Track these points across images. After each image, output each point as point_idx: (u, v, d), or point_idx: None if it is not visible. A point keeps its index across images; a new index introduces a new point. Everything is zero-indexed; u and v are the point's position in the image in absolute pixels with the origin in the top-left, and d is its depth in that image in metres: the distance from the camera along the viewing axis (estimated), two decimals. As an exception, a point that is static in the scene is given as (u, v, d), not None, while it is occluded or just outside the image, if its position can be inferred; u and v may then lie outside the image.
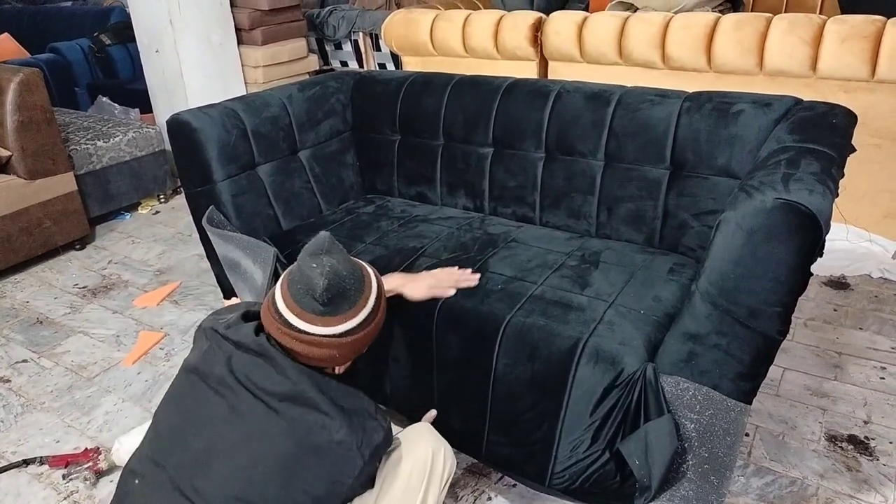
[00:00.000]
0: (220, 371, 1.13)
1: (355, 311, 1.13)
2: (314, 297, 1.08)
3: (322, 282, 1.08)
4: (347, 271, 1.13)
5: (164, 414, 1.20)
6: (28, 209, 2.80)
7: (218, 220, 1.93)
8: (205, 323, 1.25)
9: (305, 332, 1.10)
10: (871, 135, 2.35)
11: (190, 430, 1.12)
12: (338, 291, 1.10)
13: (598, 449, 1.42)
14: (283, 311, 1.11)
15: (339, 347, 1.13)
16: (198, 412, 1.13)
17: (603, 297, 1.55)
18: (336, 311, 1.11)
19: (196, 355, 1.21)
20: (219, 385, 1.12)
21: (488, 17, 3.09)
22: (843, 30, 2.31)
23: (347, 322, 1.12)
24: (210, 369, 1.15)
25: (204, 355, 1.18)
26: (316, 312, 1.09)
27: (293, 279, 1.12)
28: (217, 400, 1.11)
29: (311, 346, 1.11)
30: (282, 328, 1.11)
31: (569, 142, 1.95)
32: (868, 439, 1.74)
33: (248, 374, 1.11)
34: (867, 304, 2.32)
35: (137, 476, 1.14)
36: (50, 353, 2.31)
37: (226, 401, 1.10)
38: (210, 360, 1.16)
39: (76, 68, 4.76)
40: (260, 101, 2.14)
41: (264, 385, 1.09)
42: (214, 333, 1.18)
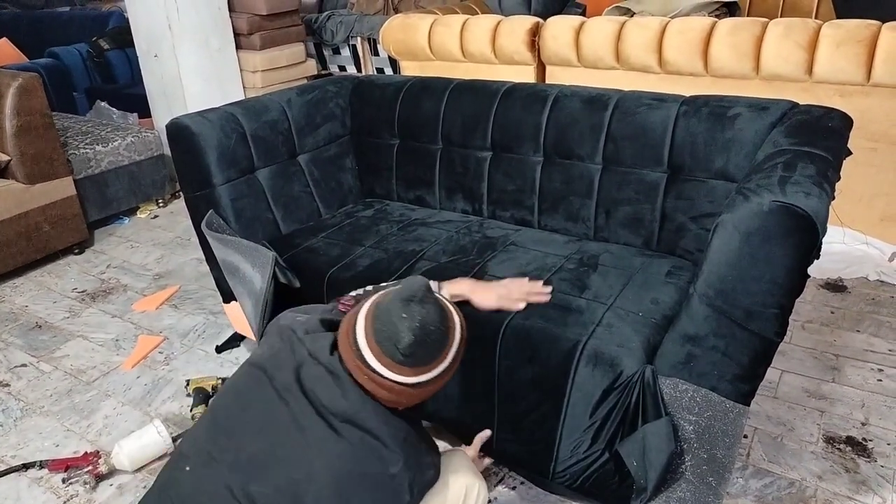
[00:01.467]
0: (287, 377, 1.11)
1: (433, 365, 1.09)
2: (397, 348, 1.05)
3: (408, 336, 1.04)
4: (435, 325, 1.07)
5: (224, 405, 1.19)
6: (27, 214, 2.81)
7: (217, 224, 1.93)
8: (283, 320, 1.23)
9: (378, 374, 1.06)
10: (866, 138, 2.37)
11: (250, 429, 1.11)
12: (421, 347, 1.06)
13: (597, 449, 1.43)
14: (362, 346, 1.07)
15: (408, 395, 1.10)
16: (260, 414, 1.12)
17: (601, 300, 1.56)
18: (414, 363, 1.06)
19: (266, 352, 1.19)
20: (284, 391, 1.11)
21: (486, 22, 3.10)
22: (838, 34, 2.33)
23: (422, 375, 1.08)
24: (277, 372, 1.13)
25: (275, 355, 1.17)
26: (394, 360, 1.05)
27: (379, 318, 1.07)
28: (281, 406, 1.10)
29: (380, 388, 1.07)
30: (357, 362, 1.08)
31: (567, 145, 1.96)
32: (866, 441, 1.75)
33: (315, 388, 1.10)
34: (864, 306, 2.33)
35: (189, 463, 1.13)
36: (49, 357, 2.31)
37: (289, 409, 1.09)
38: (279, 362, 1.14)
39: (75, 73, 4.77)
40: (259, 105, 2.14)
41: (328, 403, 1.08)
42: (292, 335, 1.17)
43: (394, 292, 1.09)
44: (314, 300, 1.87)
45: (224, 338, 2.33)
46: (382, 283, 1.51)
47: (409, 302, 1.06)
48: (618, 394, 1.39)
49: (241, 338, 2.30)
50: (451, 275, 1.73)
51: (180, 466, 1.14)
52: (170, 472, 1.17)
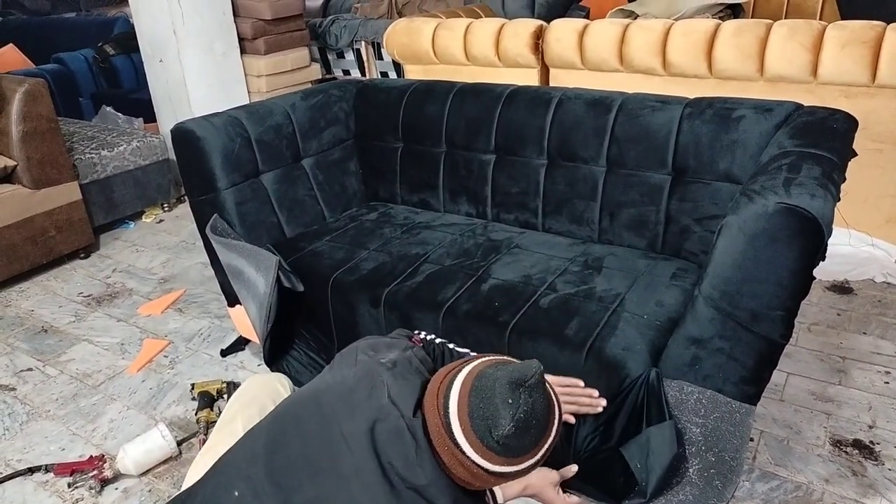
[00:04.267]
0: (359, 424, 1.03)
1: (524, 459, 0.99)
2: (492, 435, 0.95)
3: (509, 427, 0.94)
4: (538, 418, 0.97)
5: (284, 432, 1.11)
6: (33, 218, 2.82)
7: (221, 228, 1.94)
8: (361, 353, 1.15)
9: (463, 452, 0.97)
10: (872, 140, 2.36)
11: (307, 470, 1.04)
12: (519, 439, 0.96)
13: (607, 447, 1.43)
14: (453, 418, 0.97)
15: (485, 481, 1.00)
16: (320, 454, 1.04)
17: (606, 303, 1.56)
18: (507, 453, 0.96)
19: (339, 385, 1.11)
20: (352, 437, 1.03)
21: (489, 26, 3.11)
22: (843, 35, 2.32)
23: (510, 466, 0.98)
24: (348, 413, 1.05)
25: (349, 392, 1.08)
26: (485, 444, 0.95)
27: (480, 394, 0.96)
28: (346, 453, 1.02)
29: (460, 466, 0.98)
30: (442, 431, 0.98)
31: (570, 148, 1.95)
32: (873, 444, 1.74)
33: (389, 444, 1.01)
34: (871, 308, 2.32)
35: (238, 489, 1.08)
36: (55, 361, 2.32)
37: (353, 459, 1.01)
38: (353, 403, 1.06)
39: (80, 78, 4.79)
40: (263, 109, 2.15)
41: (399, 465, 1.00)
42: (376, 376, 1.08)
43: (503, 369, 0.98)
44: (318, 304, 1.88)
45: (229, 342, 2.34)
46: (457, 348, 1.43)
47: (519, 386, 0.95)
48: (624, 396, 1.38)
49: (245, 341, 2.31)
50: (456, 277, 1.73)
51: (228, 489, 1.09)
52: (214, 489, 1.11)
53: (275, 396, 1.46)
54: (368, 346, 1.18)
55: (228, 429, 1.38)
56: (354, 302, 1.80)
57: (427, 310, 1.66)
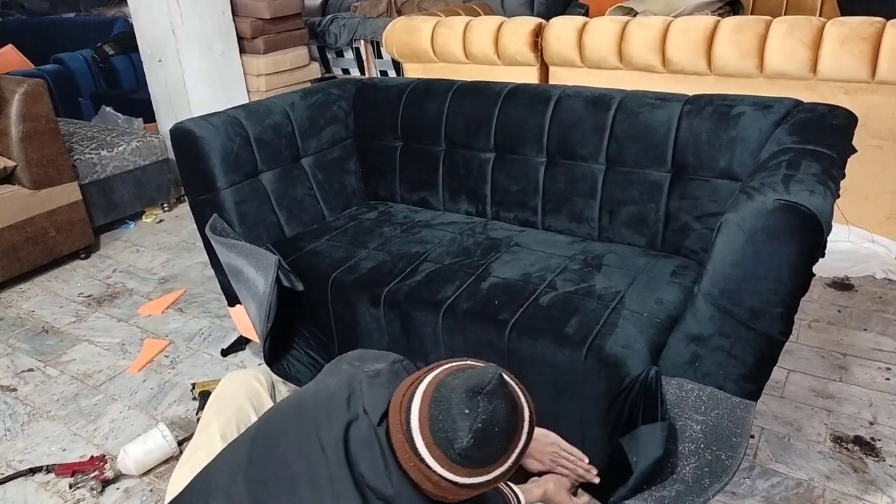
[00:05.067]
0: (336, 431, 1.01)
1: (491, 468, 0.95)
2: (451, 444, 0.92)
3: (467, 438, 0.91)
4: (500, 425, 0.93)
5: (264, 443, 1.09)
6: (33, 219, 2.82)
7: (221, 228, 1.94)
8: (345, 363, 1.14)
9: (427, 465, 0.94)
10: (872, 136, 2.35)
11: (284, 481, 1.03)
12: (480, 449, 0.92)
13: (611, 445, 1.44)
14: (414, 430, 0.94)
15: (455, 494, 0.97)
16: (298, 464, 1.03)
17: (606, 301, 1.56)
18: (470, 464, 0.93)
19: (321, 393, 1.09)
20: (328, 446, 1.01)
21: (489, 24, 3.10)
22: (842, 32, 2.32)
23: (476, 477, 0.95)
24: (327, 422, 1.03)
25: (330, 400, 1.07)
26: (448, 456, 0.92)
27: (438, 404, 0.93)
28: (321, 462, 1.01)
29: (427, 480, 0.95)
30: (405, 445, 0.95)
31: (570, 146, 1.95)
32: (874, 440, 1.74)
33: (359, 453, 0.99)
34: (871, 305, 2.32)
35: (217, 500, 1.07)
36: (56, 361, 2.32)
37: (328, 468, 1.00)
38: (332, 411, 1.04)
39: (80, 79, 4.79)
40: (262, 108, 2.15)
41: (367, 475, 0.98)
42: (357, 384, 1.07)
43: (461, 376, 0.95)
44: (318, 303, 1.88)
45: (229, 341, 2.34)
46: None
47: (476, 394, 0.92)
48: (624, 394, 1.38)
49: (246, 341, 2.31)
50: (455, 276, 1.73)
51: (205, 500, 1.08)
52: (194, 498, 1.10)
53: (251, 395, 1.43)
54: (357, 356, 1.17)
55: (205, 435, 1.34)
56: (354, 301, 1.80)
57: (427, 308, 1.66)
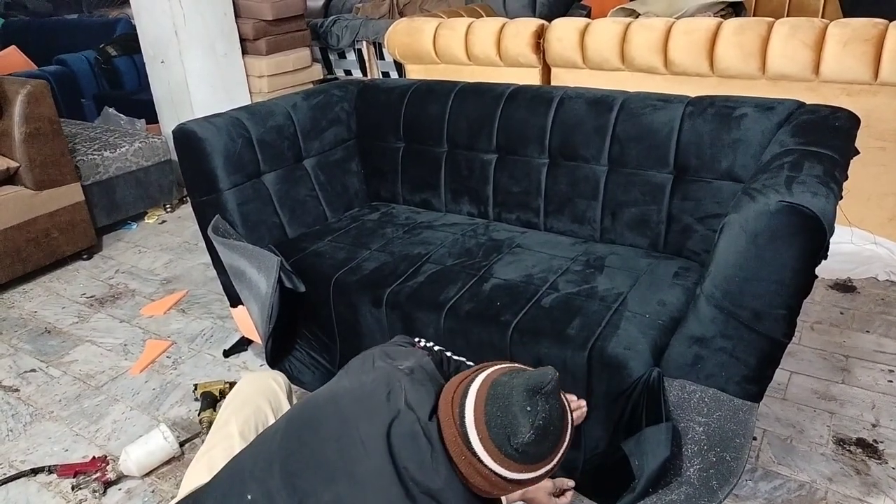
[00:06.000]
0: (376, 427, 1.02)
1: (541, 465, 0.99)
2: (511, 442, 0.94)
3: (528, 435, 0.93)
4: (555, 425, 0.97)
5: (299, 436, 1.10)
6: (35, 220, 2.82)
7: (223, 229, 1.94)
8: (379, 360, 1.15)
9: (480, 461, 0.96)
10: (874, 137, 2.35)
11: (322, 474, 1.04)
12: (537, 446, 0.96)
13: (612, 448, 1.43)
14: (469, 426, 0.97)
15: (502, 488, 1.00)
16: (337, 458, 1.04)
17: (608, 302, 1.56)
18: (524, 460, 0.96)
19: (356, 389, 1.10)
20: (368, 439, 1.02)
21: (491, 25, 3.10)
22: (844, 33, 2.32)
23: (527, 473, 0.98)
24: (365, 417, 1.04)
25: (367, 396, 1.07)
26: (503, 452, 0.95)
27: (496, 402, 0.96)
28: (362, 456, 1.02)
29: (477, 474, 0.97)
30: (459, 440, 0.97)
31: (572, 147, 1.95)
32: (877, 442, 1.74)
33: (404, 448, 1.01)
34: (874, 306, 2.32)
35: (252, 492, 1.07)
36: (58, 362, 2.33)
37: (370, 462, 1.01)
38: (371, 407, 1.05)
39: (82, 80, 4.80)
40: (265, 110, 2.15)
41: (414, 470, 0.99)
42: (395, 381, 1.07)
43: (518, 375, 0.98)
44: (320, 304, 1.88)
45: (232, 342, 2.34)
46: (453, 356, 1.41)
47: (536, 393, 0.95)
48: (626, 396, 1.38)
49: (248, 342, 2.31)
50: (457, 277, 1.73)
51: (241, 493, 1.07)
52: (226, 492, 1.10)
53: (269, 395, 1.43)
54: (385, 353, 1.19)
55: (223, 432, 1.34)
56: (356, 302, 1.80)
57: (429, 310, 1.66)
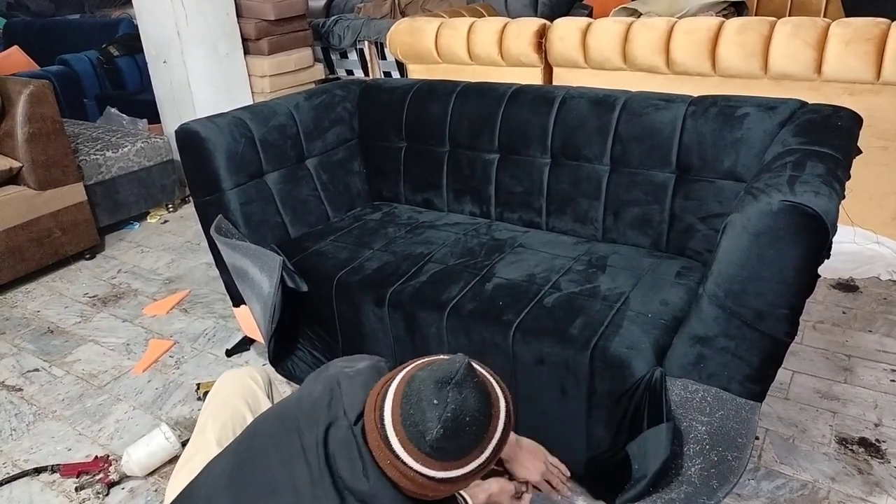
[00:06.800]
0: (317, 435, 1.01)
1: (466, 460, 0.93)
2: (423, 437, 0.90)
3: (437, 429, 0.89)
4: (472, 415, 0.91)
5: (247, 450, 1.09)
6: (38, 219, 2.83)
7: (226, 228, 1.94)
8: (331, 369, 1.13)
9: (402, 462, 0.92)
10: (877, 137, 2.35)
11: (266, 488, 1.03)
12: (452, 440, 0.90)
13: (619, 443, 1.44)
14: (388, 427, 0.93)
15: (433, 489, 0.95)
16: (280, 470, 1.02)
17: (610, 302, 1.56)
18: (444, 457, 0.91)
19: (304, 400, 1.09)
20: (309, 449, 1.00)
21: (493, 25, 3.11)
22: (847, 33, 2.31)
23: (452, 471, 0.93)
24: (309, 426, 1.03)
25: (312, 406, 1.06)
26: (421, 451, 0.91)
27: (409, 399, 0.92)
28: (303, 467, 1.00)
29: (403, 477, 0.93)
30: (381, 443, 0.94)
31: (574, 147, 1.95)
32: (879, 442, 1.74)
33: (338, 455, 0.99)
34: (876, 306, 2.31)
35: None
36: (61, 361, 2.33)
37: (310, 472, 0.99)
38: (314, 416, 1.04)
39: (85, 80, 4.81)
40: (267, 110, 2.15)
41: (346, 477, 0.97)
42: (336, 387, 1.06)
43: (429, 368, 0.94)
44: (323, 303, 1.88)
45: (234, 341, 2.34)
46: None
47: (445, 384, 0.90)
48: (629, 395, 1.38)
49: (250, 341, 2.31)
50: (460, 277, 1.73)
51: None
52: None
53: (247, 396, 1.41)
54: (343, 359, 1.17)
55: (201, 440, 1.33)
56: (359, 302, 1.80)
57: (431, 309, 1.66)
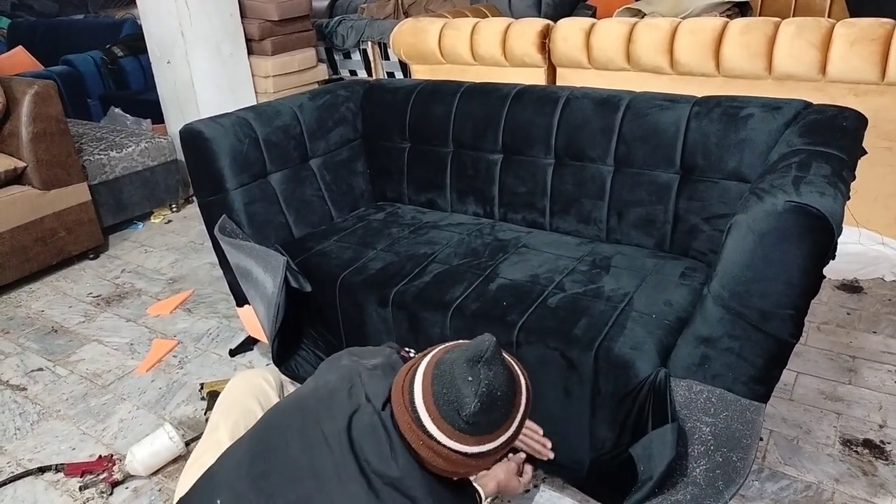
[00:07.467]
0: (338, 423, 1.04)
1: (497, 434, 0.98)
2: (460, 414, 0.94)
3: (474, 403, 0.94)
4: (503, 390, 0.97)
5: (266, 438, 1.12)
6: (42, 219, 2.84)
7: (230, 229, 1.95)
8: (344, 360, 1.17)
9: (436, 441, 0.97)
10: (882, 137, 2.34)
11: (288, 474, 1.06)
12: (486, 414, 0.95)
13: (619, 448, 1.43)
14: (420, 408, 0.97)
15: (465, 465, 1.00)
16: (302, 457, 1.06)
17: (614, 302, 1.56)
18: (478, 432, 0.96)
19: (320, 389, 1.12)
20: (331, 436, 1.04)
21: (496, 25, 3.10)
22: (851, 33, 2.31)
23: (484, 445, 0.98)
24: (329, 414, 1.06)
25: (330, 395, 1.09)
26: (455, 427, 0.95)
27: (441, 379, 0.96)
28: (325, 452, 1.04)
29: (437, 456, 0.98)
30: (412, 425, 0.98)
31: (578, 147, 1.95)
32: (884, 443, 1.73)
33: (363, 440, 1.02)
34: (881, 307, 2.31)
35: (221, 497, 1.09)
36: (65, 361, 2.34)
37: (333, 458, 1.03)
38: (334, 404, 1.08)
39: (89, 80, 4.81)
40: (271, 110, 2.16)
41: (374, 461, 1.01)
42: (357, 378, 1.10)
43: (457, 350, 0.99)
44: (326, 304, 1.88)
45: (238, 341, 2.35)
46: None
47: (476, 363, 0.95)
48: (633, 396, 1.38)
49: (254, 341, 2.32)
50: (463, 277, 1.73)
51: (212, 497, 1.09)
52: (200, 496, 1.12)
53: (259, 395, 1.43)
54: (353, 352, 1.20)
55: (213, 438, 1.35)
56: (362, 302, 1.80)
57: (435, 309, 1.66)
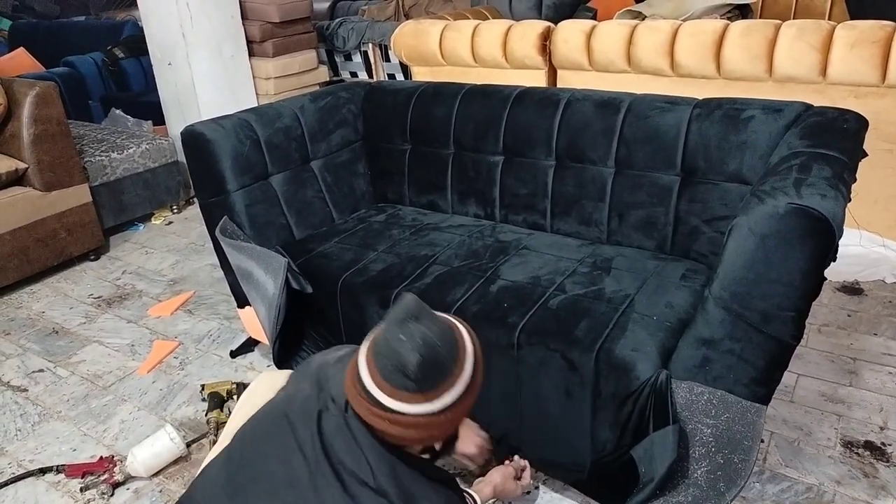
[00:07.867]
0: (310, 429, 1.04)
1: (451, 381, 0.98)
2: (405, 374, 0.94)
3: (414, 358, 0.93)
4: (440, 339, 0.97)
5: (242, 452, 1.12)
6: (43, 220, 2.84)
7: (231, 230, 1.95)
8: (313, 364, 1.17)
9: (399, 413, 0.96)
10: (883, 140, 2.34)
11: (265, 486, 1.05)
12: (432, 367, 0.95)
13: (623, 445, 1.43)
14: (372, 388, 0.97)
15: (436, 426, 1.00)
16: (278, 467, 1.05)
17: (615, 304, 1.56)
18: (430, 387, 0.96)
19: (293, 396, 1.12)
20: (304, 443, 1.03)
21: (497, 27, 3.11)
22: (852, 35, 2.31)
23: (445, 396, 0.97)
24: (301, 421, 1.06)
25: (302, 401, 1.09)
26: (409, 390, 0.95)
27: (379, 352, 0.97)
28: (300, 460, 1.03)
29: (405, 428, 0.97)
30: (371, 408, 0.98)
31: (579, 149, 1.95)
32: (885, 445, 1.73)
33: (333, 442, 1.02)
34: (881, 309, 2.31)
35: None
36: (66, 362, 2.34)
37: (307, 465, 1.02)
38: (304, 410, 1.07)
39: (90, 82, 4.82)
40: (272, 112, 2.16)
41: (345, 460, 1.01)
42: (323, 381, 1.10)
43: (385, 321, 0.99)
44: (327, 305, 1.88)
45: (238, 343, 2.35)
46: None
47: (405, 322, 0.96)
48: (634, 398, 1.38)
49: (255, 343, 2.32)
50: (464, 279, 1.74)
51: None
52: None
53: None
54: (323, 352, 1.21)
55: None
56: (363, 303, 1.81)
57: (436, 311, 1.66)
